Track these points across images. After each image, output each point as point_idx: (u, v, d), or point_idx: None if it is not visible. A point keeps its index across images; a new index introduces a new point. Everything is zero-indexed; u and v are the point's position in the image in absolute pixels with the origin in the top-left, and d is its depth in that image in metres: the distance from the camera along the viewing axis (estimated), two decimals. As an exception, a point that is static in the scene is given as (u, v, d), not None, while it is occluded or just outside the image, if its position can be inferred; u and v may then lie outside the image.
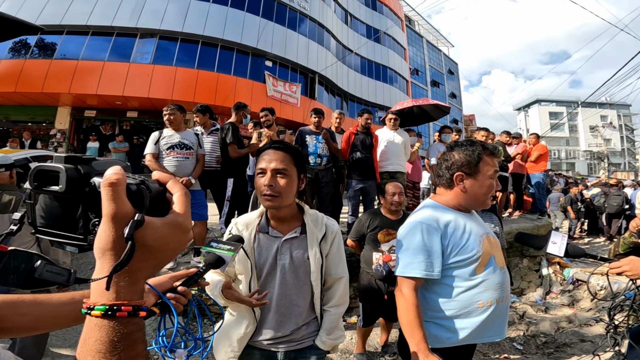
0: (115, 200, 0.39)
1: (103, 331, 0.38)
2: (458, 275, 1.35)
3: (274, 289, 1.31)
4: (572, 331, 3.56)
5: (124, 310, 0.39)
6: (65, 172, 0.43)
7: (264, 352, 1.34)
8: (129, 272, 0.40)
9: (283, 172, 1.25)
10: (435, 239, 1.33)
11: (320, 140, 4.14)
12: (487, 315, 1.33)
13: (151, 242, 0.41)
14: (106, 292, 0.39)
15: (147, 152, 3.50)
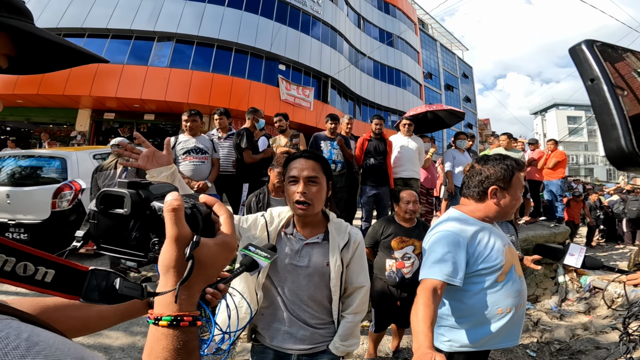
0: (177, 224, 0.45)
1: (169, 339, 0.43)
2: (481, 282, 1.40)
3: (287, 288, 1.35)
4: (588, 338, 3.51)
5: (186, 321, 0.44)
6: (130, 196, 0.48)
7: (277, 352, 1.37)
8: (188, 286, 0.45)
9: (314, 180, 1.29)
10: (462, 249, 1.38)
11: (335, 146, 4.18)
12: (505, 322, 1.38)
13: (205, 260, 0.46)
14: (171, 304, 0.44)
15: None
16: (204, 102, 12.09)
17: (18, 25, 0.36)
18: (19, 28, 0.36)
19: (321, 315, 1.38)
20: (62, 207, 3.92)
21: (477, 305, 1.39)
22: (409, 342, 3.30)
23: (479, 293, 1.40)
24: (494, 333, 1.38)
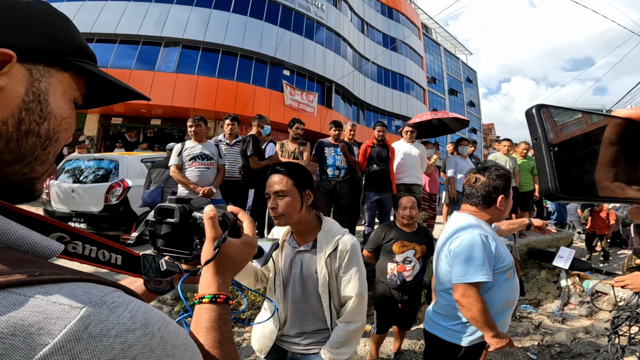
0: (214, 227, 0.60)
1: (210, 312, 0.55)
2: (497, 279, 1.58)
3: (288, 293, 1.45)
4: (589, 342, 3.55)
5: (222, 298, 0.57)
6: (179, 209, 0.63)
7: (277, 347, 1.49)
8: (222, 274, 0.59)
9: (282, 194, 1.34)
10: (492, 247, 1.55)
11: (339, 153, 4.26)
12: (508, 313, 1.61)
13: (233, 255, 0.61)
14: (211, 287, 0.58)
15: (172, 164, 3.71)
16: (209, 107, 12.26)
17: (96, 71, 0.45)
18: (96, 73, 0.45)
19: (314, 320, 1.44)
20: (112, 201, 4.68)
21: (493, 301, 1.56)
22: (410, 344, 3.37)
23: (495, 289, 1.57)
24: (500, 323, 1.57)
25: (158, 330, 0.31)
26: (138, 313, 0.30)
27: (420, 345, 3.34)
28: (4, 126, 0.36)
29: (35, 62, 0.38)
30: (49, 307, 0.26)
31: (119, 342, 0.27)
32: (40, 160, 0.40)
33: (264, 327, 1.51)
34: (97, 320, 0.27)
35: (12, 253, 0.31)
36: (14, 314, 0.24)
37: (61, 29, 0.42)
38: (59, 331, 0.25)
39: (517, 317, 4.39)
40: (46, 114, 0.39)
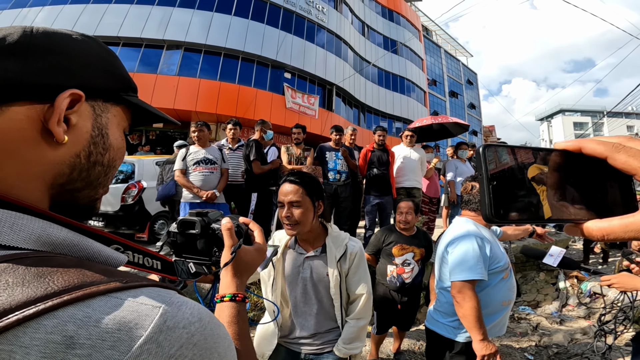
0: (231, 237, 0.70)
1: (230, 309, 0.64)
2: (493, 279, 1.66)
3: (297, 297, 1.52)
4: (586, 342, 3.61)
5: (240, 297, 0.66)
6: (199, 222, 0.73)
7: (288, 350, 1.55)
8: (239, 277, 0.69)
9: (297, 204, 1.41)
10: (487, 249, 1.64)
11: (340, 157, 4.34)
12: (505, 312, 1.69)
13: (248, 260, 0.72)
14: (230, 287, 0.67)
15: (176, 169, 3.79)
16: (211, 110, 12.33)
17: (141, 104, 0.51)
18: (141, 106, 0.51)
19: (327, 320, 1.53)
20: (128, 201, 4.94)
21: (489, 299, 1.64)
22: (410, 345, 3.44)
23: (491, 288, 1.65)
24: (498, 322, 1.66)
25: (208, 323, 0.38)
26: (195, 310, 0.38)
27: (419, 345, 3.41)
28: (77, 159, 0.42)
29: (96, 99, 0.44)
30: (139, 307, 0.34)
31: (185, 332, 0.35)
32: (102, 185, 0.47)
33: (266, 330, 1.57)
34: (171, 316, 0.35)
35: (97, 265, 0.38)
36: (118, 313, 0.32)
37: (113, 66, 0.47)
38: (149, 325, 0.33)
39: (515, 318, 4.45)
40: (107, 145, 0.45)
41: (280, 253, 1.54)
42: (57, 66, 0.40)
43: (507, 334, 3.93)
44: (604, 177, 0.33)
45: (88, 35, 0.46)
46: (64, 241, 0.38)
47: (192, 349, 0.35)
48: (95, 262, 0.39)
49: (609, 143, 0.32)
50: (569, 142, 0.34)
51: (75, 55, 0.41)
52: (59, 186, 0.41)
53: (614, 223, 0.31)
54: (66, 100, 0.39)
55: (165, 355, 0.32)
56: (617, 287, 1.59)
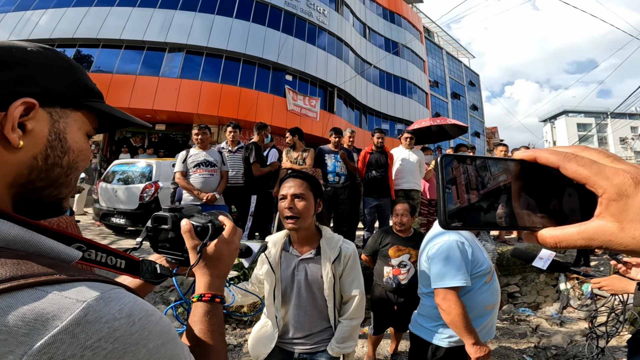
0: (192, 238, 0.70)
1: (198, 309, 0.66)
2: (476, 283, 1.62)
3: (292, 299, 1.54)
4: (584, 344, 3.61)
5: (207, 296, 0.67)
6: (170, 217, 0.73)
7: (282, 350, 1.58)
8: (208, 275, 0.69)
9: (301, 196, 1.46)
10: (468, 253, 1.60)
11: (339, 159, 4.37)
12: (491, 316, 1.66)
13: (214, 255, 0.70)
14: (200, 289, 0.68)
15: (177, 171, 3.83)
16: (213, 112, 12.39)
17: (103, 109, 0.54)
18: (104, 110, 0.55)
19: (321, 320, 1.56)
20: (145, 200, 5.33)
21: (472, 304, 1.60)
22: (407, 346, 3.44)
23: (474, 292, 1.61)
24: (484, 326, 1.63)
25: (139, 320, 0.41)
26: (126, 306, 0.40)
27: (417, 347, 3.41)
28: (34, 161, 0.45)
29: (53, 106, 0.47)
30: (62, 300, 0.37)
31: (107, 326, 0.37)
32: (65, 185, 0.50)
33: (262, 333, 1.60)
34: (93, 310, 0.37)
35: (43, 259, 0.42)
36: (38, 305, 0.35)
37: (71, 74, 0.50)
38: (66, 317, 0.35)
39: (515, 319, 4.45)
40: (66, 148, 0.48)
41: (278, 256, 1.56)
42: (12, 78, 0.43)
43: (505, 335, 3.93)
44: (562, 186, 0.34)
45: (45, 47, 0.48)
46: (15, 238, 0.41)
47: (113, 343, 0.37)
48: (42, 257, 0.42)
49: (561, 153, 0.32)
50: (526, 153, 0.35)
51: (29, 66, 0.44)
52: (19, 185, 0.45)
53: (566, 231, 0.32)
54: (19, 108, 0.42)
55: (80, 345, 0.35)
56: (607, 289, 1.59)
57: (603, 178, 0.29)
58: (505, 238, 5.38)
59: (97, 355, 0.36)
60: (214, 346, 0.63)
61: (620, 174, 0.29)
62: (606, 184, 0.29)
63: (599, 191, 0.30)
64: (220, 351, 0.64)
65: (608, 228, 0.29)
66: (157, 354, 0.42)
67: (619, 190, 0.28)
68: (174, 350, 0.45)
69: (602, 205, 0.30)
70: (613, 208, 0.29)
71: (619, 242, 0.29)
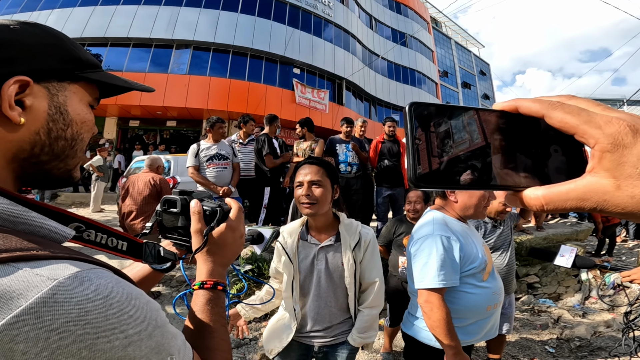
0: (199, 221, 0.67)
1: (200, 297, 0.63)
2: (469, 282, 1.46)
3: (311, 290, 1.49)
4: (610, 336, 3.48)
5: (209, 284, 0.64)
6: (180, 200, 0.70)
7: (301, 344, 1.53)
8: (211, 262, 0.66)
9: (318, 183, 1.41)
10: (455, 249, 1.43)
11: (350, 149, 4.31)
12: (493, 316, 1.49)
13: (218, 241, 0.67)
14: (201, 276, 0.65)
15: (190, 165, 3.77)
16: (222, 107, 12.42)
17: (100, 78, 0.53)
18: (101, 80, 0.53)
19: (340, 311, 1.51)
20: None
21: (470, 305, 1.45)
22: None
23: (471, 293, 1.45)
24: (486, 328, 1.47)
25: (118, 303, 0.37)
26: (104, 287, 0.36)
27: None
28: (37, 136, 0.45)
29: (49, 81, 0.46)
30: (32, 277, 0.33)
31: (77, 308, 0.33)
32: (71, 156, 0.50)
33: (278, 326, 1.55)
34: (64, 290, 0.33)
35: (27, 236, 0.38)
36: (3, 281, 0.32)
37: (62, 47, 0.49)
38: (32, 296, 0.32)
39: (535, 311, 4.34)
40: (68, 121, 0.48)
41: (295, 246, 1.50)
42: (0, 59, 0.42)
43: (526, 326, 3.83)
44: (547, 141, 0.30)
45: (29, 22, 0.47)
46: (4, 212, 0.39)
47: (84, 327, 0.33)
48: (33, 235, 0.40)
49: (545, 101, 0.28)
50: (506, 103, 0.31)
51: (16, 45, 0.44)
52: (21, 160, 0.45)
53: (552, 190, 0.27)
54: (13, 87, 0.42)
55: (44, 328, 0.31)
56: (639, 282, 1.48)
57: (594, 126, 0.25)
58: (524, 227, 5.24)
59: (63, 340, 0.32)
60: (217, 337, 0.59)
61: (614, 121, 0.25)
62: (598, 133, 0.25)
63: (590, 142, 0.25)
64: (223, 343, 0.60)
65: (602, 185, 0.25)
66: (137, 341, 0.37)
67: (614, 140, 0.24)
68: (161, 339, 0.41)
69: (595, 158, 0.25)
70: (607, 161, 0.25)
71: (615, 202, 0.25)
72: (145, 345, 0.38)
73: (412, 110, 0.29)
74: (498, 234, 2.51)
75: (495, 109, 0.31)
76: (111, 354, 0.35)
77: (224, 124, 3.88)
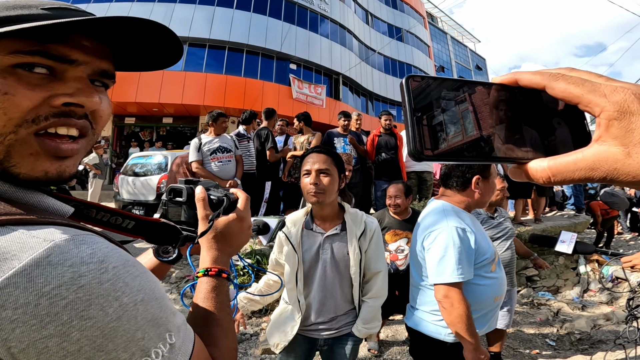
0: (204, 207, 0.65)
1: (204, 284, 0.61)
2: (480, 274, 1.43)
3: (315, 280, 1.46)
4: (610, 329, 3.50)
5: (213, 271, 0.62)
6: (186, 190, 0.69)
7: (306, 338, 1.50)
8: (216, 249, 0.64)
9: (325, 172, 1.40)
10: (471, 242, 1.39)
11: (348, 142, 4.31)
12: (497, 308, 1.49)
13: (224, 230, 0.65)
14: (205, 263, 0.63)
15: (193, 160, 3.70)
16: (219, 103, 12.32)
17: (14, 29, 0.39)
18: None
19: (345, 302, 1.50)
20: (162, 191, 5.27)
21: (479, 297, 1.42)
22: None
23: (480, 285, 1.43)
24: (491, 320, 1.47)
25: (113, 268, 0.35)
26: (100, 251, 0.35)
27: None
28: None
29: None
30: (28, 239, 0.32)
31: (70, 271, 0.32)
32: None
33: (282, 320, 1.52)
34: (59, 251, 0.32)
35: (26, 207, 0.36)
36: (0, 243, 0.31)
37: None
38: (26, 258, 0.30)
39: (535, 304, 4.35)
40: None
41: (300, 236, 1.48)
42: None
43: (526, 320, 3.84)
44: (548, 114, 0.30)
45: None
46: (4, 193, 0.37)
47: (76, 291, 0.31)
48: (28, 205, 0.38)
49: (546, 72, 0.28)
50: (505, 76, 0.30)
51: None
52: None
53: (559, 161, 0.27)
54: None
55: (35, 292, 0.30)
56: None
57: (599, 95, 0.25)
58: (522, 220, 5.25)
59: (54, 306, 0.30)
60: (222, 326, 0.57)
61: (619, 90, 0.25)
62: (603, 101, 0.25)
63: (596, 110, 0.25)
64: (229, 331, 0.58)
65: (612, 154, 0.25)
66: (132, 311, 0.35)
67: (620, 107, 0.24)
68: (158, 311, 0.38)
69: (602, 127, 0.25)
70: (615, 129, 0.24)
71: (626, 170, 0.24)
72: (141, 316, 0.36)
73: (409, 83, 0.29)
74: (495, 225, 2.48)
75: (495, 82, 0.30)
76: (104, 323, 0.33)
77: (227, 118, 3.84)
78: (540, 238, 1.84)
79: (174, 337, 0.39)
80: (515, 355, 3.09)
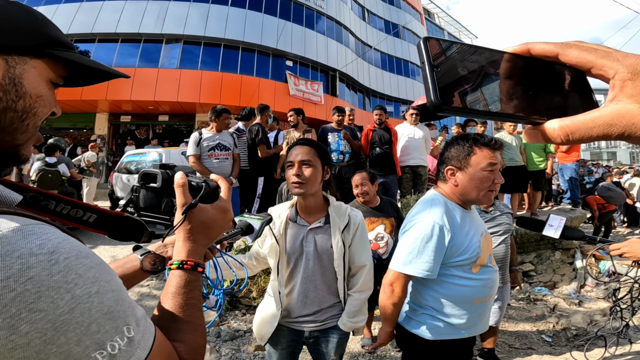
0: (184, 194, 0.61)
1: (176, 278, 0.57)
2: (456, 274, 1.38)
3: (299, 273, 1.45)
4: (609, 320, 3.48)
5: (189, 264, 0.58)
6: (161, 174, 0.65)
7: (291, 330, 1.50)
8: (194, 241, 0.60)
9: (308, 163, 1.40)
10: (445, 241, 1.34)
11: (342, 137, 4.29)
12: (481, 310, 1.42)
13: (205, 220, 0.61)
14: (180, 254, 0.59)
15: (190, 154, 3.65)
16: (215, 101, 12.23)
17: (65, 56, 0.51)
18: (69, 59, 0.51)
19: (330, 295, 1.49)
20: None
21: (456, 296, 1.38)
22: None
23: (456, 284, 1.38)
24: (478, 323, 1.43)
25: (65, 259, 0.34)
26: (50, 242, 0.34)
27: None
28: None
29: (9, 54, 0.45)
30: None
31: (19, 262, 0.31)
32: (20, 130, 0.47)
33: (266, 312, 1.51)
34: (5, 242, 0.31)
35: None
36: None
37: (30, 24, 0.48)
38: None
39: (531, 299, 4.33)
40: (21, 93, 0.46)
41: (283, 227, 1.47)
42: None
43: (522, 315, 3.81)
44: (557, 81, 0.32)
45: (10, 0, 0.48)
46: None
47: (25, 283, 0.31)
48: None
49: (559, 42, 0.30)
50: (517, 46, 0.32)
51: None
52: None
53: (577, 119, 0.28)
54: None
55: None
56: (629, 255, 1.41)
57: (612, 59, 0.27)
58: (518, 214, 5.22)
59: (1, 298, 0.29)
60: (192, 322, 0.55)
61: (630, 56, 0.27)
62: (616, 65, 0.27)
63: (610, 72, 0.27)
64: (198, 328, 0.56)
65: (629, 110, 0.26)
66: (86, 303, 0.34)
67: (634, 69, 0.26)
68: (115, 304, 0.37)
69: (616, 87, 0.27)
70: (629, 89, 0.26)
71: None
72: (95, 308, 0.35)
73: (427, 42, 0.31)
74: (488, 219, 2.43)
75: (507, 51, 0.32)
76: (55, 315, 0.32)
77: (230, 115, 3.80)
78: (527, 221, 1.80)
79: (133, 331, 0.39)
80: (511, 351, 3.06)
